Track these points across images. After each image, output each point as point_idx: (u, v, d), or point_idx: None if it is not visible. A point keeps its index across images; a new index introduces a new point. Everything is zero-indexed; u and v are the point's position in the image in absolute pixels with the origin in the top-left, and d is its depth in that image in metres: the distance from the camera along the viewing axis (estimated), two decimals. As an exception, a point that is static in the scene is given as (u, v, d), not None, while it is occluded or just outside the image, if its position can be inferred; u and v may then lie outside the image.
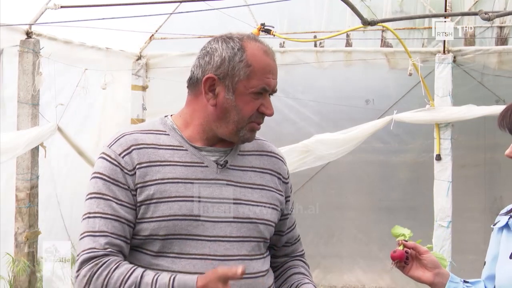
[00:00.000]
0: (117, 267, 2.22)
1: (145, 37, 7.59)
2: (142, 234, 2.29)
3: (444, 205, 6.62)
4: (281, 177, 2.54)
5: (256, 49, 2.33)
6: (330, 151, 6.69)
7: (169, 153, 2.35)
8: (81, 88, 6.72)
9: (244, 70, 2.29)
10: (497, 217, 2.48)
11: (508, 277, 2.35)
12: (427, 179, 6.85)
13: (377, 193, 7.96)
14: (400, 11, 7.12)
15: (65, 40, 6.70)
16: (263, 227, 2.41)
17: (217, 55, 2.32)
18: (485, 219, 7.49)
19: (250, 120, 2.35)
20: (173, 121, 2.44)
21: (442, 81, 6.67)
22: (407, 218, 7.63)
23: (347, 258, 7.94)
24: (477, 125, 7.03)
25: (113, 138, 2.38)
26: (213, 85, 2.32)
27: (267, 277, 2.43)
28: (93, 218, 2.27)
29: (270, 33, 6.28)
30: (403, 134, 7.55)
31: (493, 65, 6.83)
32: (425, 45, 7.05)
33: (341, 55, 7.17)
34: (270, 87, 2.34)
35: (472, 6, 6.87)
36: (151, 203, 2.28)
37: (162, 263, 2.29)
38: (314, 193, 7.75)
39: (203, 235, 2.30)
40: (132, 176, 2.29)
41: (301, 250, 2.70)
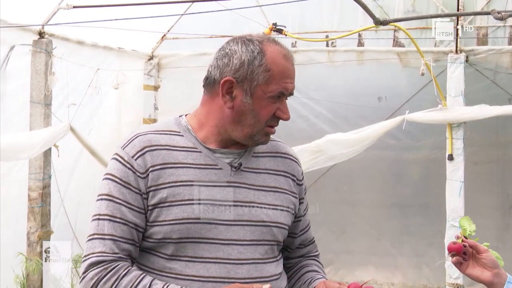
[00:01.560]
0: (126, 274, 2.23)
1: (157, 37, 7.59)
2: (155, 237, 2.29)
3: (456, 205, 6.60)
4: (295, 178, 2.53)
5: (276, 53, 2.31)
6: (341, 151, 6.69)
7: (183, 155, 2.34)
8: (93, 88, 6.74)
9: (263, 75, 2.28)
10: None
11: None
12: (439, 176, 6.83)
13: (389, 190, 7.96)
14: (412, 10, 7.09)
15: (78, 40, 6.70)
16: (276, 230, 2.40)
17: (236, 58, 2.30)
18: (497, 216, 7.50)
19: (266, 124, 2.34)
20: (187, 122, 2.43)
21: (454, 80, 6.64)
22: (418, 215, 7.65)
23: (359, 254, 7.95)
24: (490, 122, 7.00)
25: (127, 139, 2.37)
26: (231, 88, 2.31)
27: (280, 281, 2.43)
28: (103, 221, 2.27)
29: (282, 32, 6.26)
30: (415, 131, 7.54)
31: (506, 64, 6.80)
32: (438, 45, 7.01)
33: (353, 55, 7.15)
34: (288, 91, 2.33)
35: (484, 5, 6.83)
36: (164, 206, 2.27)
37: (175, 266, 2.29)
38: (326, 189, 7.76)
39: (216, 239, 2.30)
40: (144, 179, 2.29)
41: (315, 251, 2.70)
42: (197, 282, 2.26)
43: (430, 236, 7.35)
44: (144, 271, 2.29)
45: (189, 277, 2.27)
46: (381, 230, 7.95)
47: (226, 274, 2.28)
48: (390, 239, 7.87)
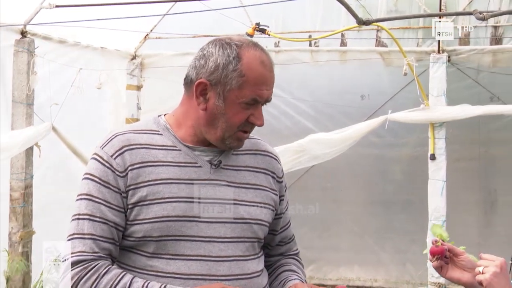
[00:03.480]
0: (106, 273, 2.24)
1: (140, 37, 7.56)
2: (136, 235, 2.30)
3: (439, 204, 6.63)
4: (275, 176, 2.54)
5: (253, 58, 2.30)
6: (324, 150, 6.70)
7: (162, 153, 2.35)
8: (76, 88, 6.68)
9: (237, 80, 2.27)
10: None
11: None
12: (422, 173, 6.87)
13: (372, 187, 7.99)
14: (395, 10, 7.10)
15: (60, 40, 6.66)
16: (257, 227, 2.42)
17: (212, 60, 2.30)
18: (479, 213, 7.55)
19: (239, 129, 2.34)
20: (166, 121, 2.44)
21: (436, 80, 6.67)
22: (402, 212, 7.69)
23: (343, 252, 7.97)
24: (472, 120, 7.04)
25: (106, 139, 2.37)
26: (205, 90, 2.32)
27: (261, 277, 2.45)
28: (82, 220, 2.28)
29: (265, 32, 6.26)
30: (398, 129, 7.56)
31: (488, 63, 6.84)
32: (420, 45, 7.05)
33: (336, 55, 7.16)
34: (262, 98, 2.32)
35: (466, 5, 6.85)
36: (144, 204, 2.28)
37: (157, 264, 2.30)
38: (309, 187, 7.77)
39: (197, 236, 2.31)
40: (123, 178, 2.30)
41: (295, 249, 2.71)
42: (178, 280, 2.27)
43: (413, 233, 7.39)
44: (125, 270, 2.30)
45: (170, 274, 2.28)
46: (364, 227, 7.98)
47: (207, 271, 2.30)
48: (373, 236, 7.91)
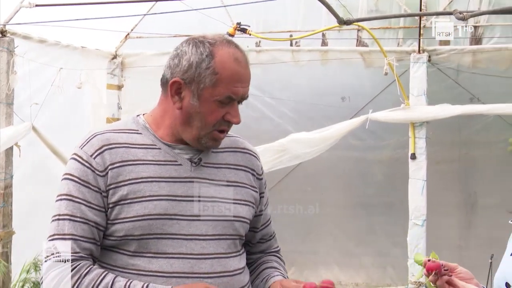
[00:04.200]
0: (88, 273, 2.23)
1: (120, 36, 7.53)
2: (117, 234, 2.29)
3: (419, 204, 6.67)
4: (255, 173, 2.55)
5: (226, 55, 2.30)
6: (305, 150, 6.72)
7: (142, 152, 2.35)
8: (56, 87, 6.66)
9: (210, 78, 2.28)
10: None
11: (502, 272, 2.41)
12: (402, 175, 6.89)
13: (353, 189, 8.00)
14: (376, 10, 7.13)
15: (40, 39, 6.63)
16: (238, 224, 2.42)
17: (185, 59, 2.30)
18: (460, 215, 7.58)
19: (214, 128, 2.34)
20: (145, 120, 2.43)
21: (417, 80, 6.71)
22: (383, 214, 7.70)
23: (324, 254, 7.97)
24: (452, 122, 7.09)
25: (85, 139, 2.36)
26: (179, 89, 2.31)
27: (243, 275, 2.45)
28: (63, 221, 2.26)
29: (246, 32, 6.25)
30: (379, 131, 7.58)
31: (468, 64, 6.88)
32: (400, 45, 7.08)
33: (317, 54, 7.17)
34: (237, 95, 2.32)
35: (447, 5, 6.90)
36: (125, 203, 2.28)
37: (138, 263, 2.29)
38: (290, 189, 7.77)
39: (179, 234, 2.30)
40: (103, 177, 2.29)
41: (276, 246, 2.71)
42: (161, 278, 2.27)
43: (394, 235, 7.40)
44: (107, 269, 2.29)
45: (152, 273, 2.27)
46: (345, 230, 7.98)
47: (189, 269, 2.30)
48: (354, 239, 7.91)
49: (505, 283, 2.35)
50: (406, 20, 7.07)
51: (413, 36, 6.95)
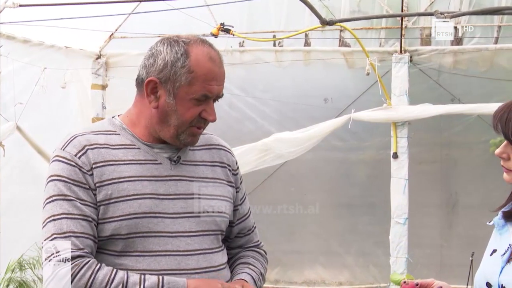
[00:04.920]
0: (100, 268, 2.21)
1: (104, 36, 7.48)
2: (103, 235, 2.27)
3: (401, 202, 6.68)
4: (231, 168, 2.57)
5: (200, 54, 2.32)
6: (289, 149, 6.72)
7: (122, 152, 2.35)
8: (41, 87, 6.62)
9: (186, 76, 2.29)
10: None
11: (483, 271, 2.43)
12: (384, 176, 6.89)
13: (336, 190, 7.98)
14: (358, 11, 7.14)
15: (24, 39, 6.58)
16: (220, 220, 2.44)
17: (160, 58, 2.31)
18: (441, 215, 7.59)
19: (191, 125, 2.35)
20: (121, 121, 2.43)
21: (399, 80, 6.72)
22: (366, 214, 7.69)
23: (308, 254, 7.96)
24: (433, 123, 7.10)
25: (65, 140, 2.35)
26: (155, 88, 2.32)
27: (227, 270, 2.47)
28: (59, 220, 2.23)
29: (229, 32, 6.25)
30: (361, 132, 7.58)
31: (449, 64, 6.90)
32: (382, 45, 7.09)
33: (300, 55, 7.17)
34: (212, 93, 2.34)
35: (428, 6, 6.92)
36: (110, 203, 2.27)
37: (126, 262, 2.28)
38: (273, 190, 7.75)
39: (164, 232, 2.31)
40: (90, 176, 2.28)
41: (256, 240, 2.71)
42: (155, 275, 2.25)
43: (377, 235, 7.40)
44: None
45: (141, 271, 2.26)
46: (329, 230, 7.97)
47: (176, 266, 2.30)
48: (338, 239, 7.90)
49: (486, 283, 2.36)
50: (388, 21, 7.08)
51: (395, 36, 6.96)
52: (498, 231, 2.47)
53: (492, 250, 2.44)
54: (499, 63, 6.80)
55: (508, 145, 2.33)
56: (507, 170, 2.36)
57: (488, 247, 2.50)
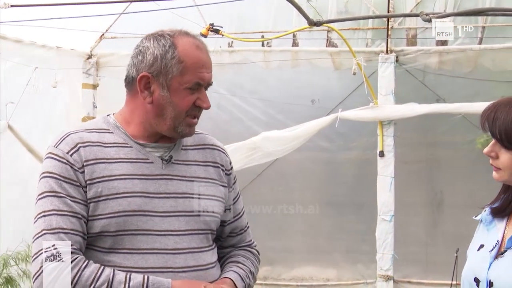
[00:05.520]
0: (87, 266, 2.19)
1: (95, 36, 7.47)
2: (92, 231, 2.25)
3: (387, 200, 6.71)
4: (224, 168, 2.55)
5: (187, 44, 2.32)
6: (277, 148, 6.73)
7: (115, 151, 2.33)
8: (32, 87, 6.60)
9: (177, 67, 2.29)
10: (483, 211, 2.53)
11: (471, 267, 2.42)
12: (371, 175, 6.91)
13: (324, 189, 7.98)
14: (345, 11, 7.15)
15: (16, 39, 6.54)
16: (209, 219, 2.41)
17: (149, 53, 2.30)
18: (426, 213, 7.60)
19: (187, 114, 2.34)
20: (115, 120, 2.41)
21: (385, 80, 6.74)
22: (352, 213, 7.70)
23: (296, 252, 7.95)
24: (419, 123, 7.12)
25: (59, 138, 2.34)
26: (148, 83, 2.31)
27: (216, 269, 2.44)
28: (49, 216, 2.21)
29: (218, 33, 6.24)
30: (348, 132, 7.59)
31: (434, 64, 6.92)
32: (369, 45, 7.10)
33: (288, 55, 7.16)
34: (204, 81, 2.34)
35: (413, 7, 6.93)
36: (100, 200, 2.25)
37: (114, 259, 2.26)
38: (262, 190, 7.75)
39: (153, 230, 2.29)
40: (82, 173, 2.26)
41: (248, 240, 2.68)
42: (136, 273, 2.23)
43: (363, 233, 7.41)
44: None
45: (128, 268, 2.24)
46: (316, 228, 7.97)
47: (164, 264, 2.28)
48: (325, 237, 7.90)
49: (474, 278, 2.36)
50: (374, 22, 7.09)
51: (381, 37, 6.97)
52: (485, 226, 2.48)
53: (479, 245, 2.45)
54: (483, 63, 6.81)
55: (496, 143, 2.34)
56: (496, 169, 2.37)
57: (474, 242, 2.51)
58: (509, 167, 2.32)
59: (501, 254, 2.33)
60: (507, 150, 2.30)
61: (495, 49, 6.69)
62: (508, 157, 2.30)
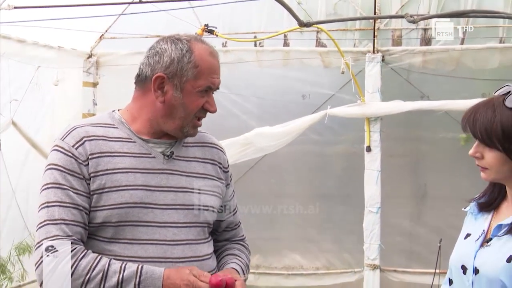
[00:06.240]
0: (84, 256, 2.21)
1: (95, 37, 7.45)
2: (95, 221, 2.28)
3: (374, 192, 6.71)
4: (222, 166, 2.58)
5: (203, 50, 2.36)
6: (269, 143, 6.72)
7: (119, 145, 2.35)
8: (35, 85, 6.65)
9: (192, 71, 2.32)
10: (470, 203, 2.55)
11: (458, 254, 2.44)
12: (359, 168, 6.91)
13: (313, 182, 7.99)
14: (334, 13, 7.13)
15: (19, 39, 6.53)
16: (207, 213, 2.44)
17: (166, 56, 2.33)
18: (411, 205, 7.62)
19: (195, 116, 2.38)
20: (120, 115, 2.43)
21: (371, 78, 6.74)
22: (341, 204, 7.70)
23: (286, 242, 7.96)
24: (404, 119, 7.12)
25: (65, 131, 2.36)
26: (162, 83, 2.33)
27: (212, 260, 2.47)
28: (52, 207, 2.24)
29: (213, 33, 6.24)
30: (336, 127, 7.58)
31: (418, 63, 6.91)
32: (356, 45, 7.10)
33: (280, 54, 7.14)
34: (215, 85, 2.38)
35: (399, 9, 6.94)
36: (103, 192, 2.27)
37: (114, 249, 2.28)
38: (254, 182, 7.74)
39: (153, 222, 2.31)
40: (86, 166, 2.28)
41: (241, 235, 2.72)
42: (136, 263, 2.26)
43: (351, 223, 7.41)
44: None
45: (128, 258, 2.27)
46: (306, 219, 7.97)
47: (162, 254, 2.31)
48: (315, 227, 7.90)
49: (461, 266, 2.38)
50: (361, 23, 7.08)
51: (368, 37, 6.98)
52: (473, 216, 2.50)
53: (466, 234, 2.47)
54: (465, 62, 6.82)
55: (479, 144, 2.35)
56: (483, 169, 2.38)
57: (462, 231, 2.53)
58: (494, 165, 2.33)
59: (486, 243, 2.35)
60: (490, 148, 2.31)
61: (476, 49, 6.70)
62: (492, 155, 2.31)
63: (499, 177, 2.37)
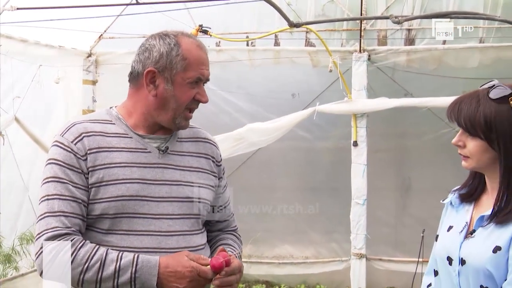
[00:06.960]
0: (82, 246, 2.21)
1: (95, 37, 7.45)
2: (93, 213, 2.27)
3: (360, 185, 6.74)
4: (215, 160, 2.57)
5: (190, 44, 2.36)
6: (261, 138, 6.73)
7: (116, 140, 2.35)
8: (36, 83, 6.65)
9: (181, 63, 2.32)
10: (449, 194, 2.54)
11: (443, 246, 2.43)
12: (346, 163, 6.93)
13: (303, 176, 8.00)
14: (322, 14, 7.15)
15: (21, 39, 6.52)
16: (201, 205, 2.44)
17: (155, 51, 2.33)
18: (396, 197, 7.64)
19: (186, 107, 2.37)
20: (117, 112, 2.43)
21: (358, 76, 6.76)
22: (329, 197, 7.72)
23: (277, 233, 7.97)
24: (389, 116, 7.14)
25: (65, 127, 2.36)
26: (153, 78, 2.33)
27: (205, 250, 2.47)
28: (52, 200, 2.24)
29: (207, 33, 6.23)
30: (325, 124, 7.60)
31: (403, 62, 6.94)
32: (344, 45, 7.11)
33: (271, 53, 7.15)
34: (204, 76, 2.37)
35: (384, 10, 6.95)
36: (101, 185, 2.27)
37: (111, 239, 2.28)
38: (247, 176, 7.75)
39: (148, 214, 2.31)
40: (84, 161, 2.27)
41: (234, 225, 2.72)
42: (132, 253, 2.25)
43: (339, 215, 7.43)
44: None
45: (124, 248, 2.26)
46: (297, 211, 7.98)
47: (157, 245, 2.30)
48: (304, 219, 7.91)
49: (446, 257, 2.37)
50: (348, 23, 7.10)
51: (355, 37, 6.99)
52: (454, 208, 2.49)
53: (449, 226, 2.45)
54: (447, 61, 6.84)
55: (463, 133, 2.35)
56: (465, 157, 2.37)
57: (443, 223, 2.51)
58: (475, 154, 2.33)
59: (470, 234, 2.34)
60: (473, 137, 2.31)
61: (458, 48, 6.72)
62: (475, 144, 2.31)
63: (479, 166, 2.36)
